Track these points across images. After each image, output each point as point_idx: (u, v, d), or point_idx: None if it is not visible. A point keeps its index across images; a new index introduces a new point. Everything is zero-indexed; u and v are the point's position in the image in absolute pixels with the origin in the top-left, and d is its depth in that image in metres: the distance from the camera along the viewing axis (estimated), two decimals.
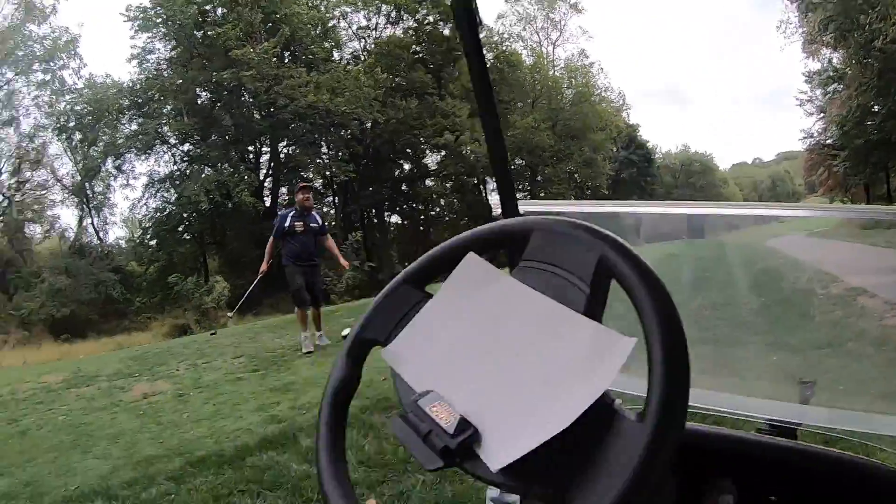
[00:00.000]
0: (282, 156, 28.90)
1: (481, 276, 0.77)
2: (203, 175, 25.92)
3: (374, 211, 30.59)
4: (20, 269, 25.87)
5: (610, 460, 0.58)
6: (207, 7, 26.85)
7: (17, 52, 26.38)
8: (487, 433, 0.64)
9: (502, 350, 0.69)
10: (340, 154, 28.06)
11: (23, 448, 6.07)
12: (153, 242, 27.77)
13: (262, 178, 28.42)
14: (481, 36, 1.45)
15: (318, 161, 28.67)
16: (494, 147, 1.46)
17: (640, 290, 0.64)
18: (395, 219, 32.67)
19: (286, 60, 27.49)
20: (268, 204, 27.89)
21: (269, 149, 28.82)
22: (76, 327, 23.85)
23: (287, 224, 8.44)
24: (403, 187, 31.32)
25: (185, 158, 27.71)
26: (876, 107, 22.42)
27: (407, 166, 31.34)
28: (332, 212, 29.75)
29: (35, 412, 7.74)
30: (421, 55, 30.15)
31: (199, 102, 27.19)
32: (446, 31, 31.18)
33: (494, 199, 1.50)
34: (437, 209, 32.80)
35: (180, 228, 27.41)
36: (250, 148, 28.44)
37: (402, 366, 0.77)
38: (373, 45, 30.84)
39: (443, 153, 29.84)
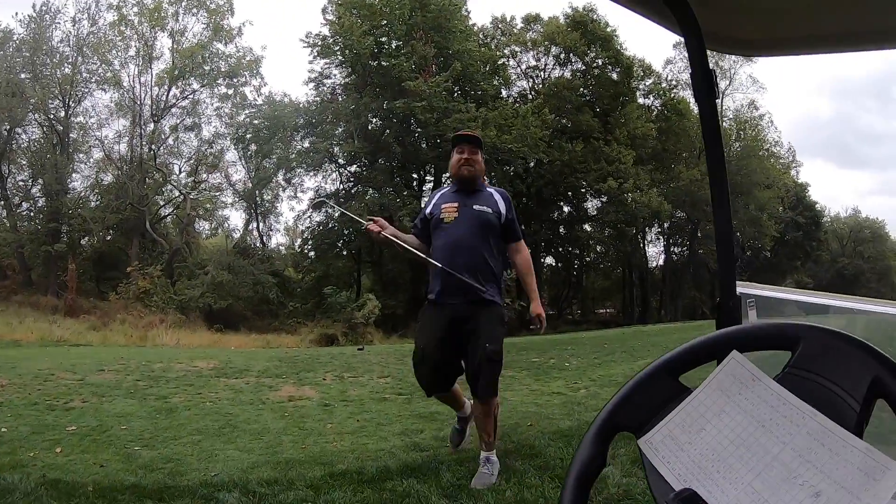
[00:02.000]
0: (445, 186, 29.31)
1: (748, 377, 0.77)
2: (367, 196, 26.94)
3: (531, 251, 30.42)
4: (186, 259, 27.88)
5: None
6: (383, 39, 28.08)
7: (204, 66, 28.91)
8: None
9: (769, 459, 0.69)
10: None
11: (170, 425, 6.25)
12: (312, 253, 29.34)
13: (423, 205, 28.84)
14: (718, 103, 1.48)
15: None
16: (719, 223, 1.47)
17: None
18: (549, 260, 32.41)
19: (456, 95, 28.19)
20: None
21: (432, 178, 29.60)
22: (230, 319, 25.23)
23: (430, 209, 4.25)
24: (561, 230, 31.01)
25: (351, 179, 29.01)
26: None
27: (567, 209, 31.07)
28: None
29: (184, 393, 8.00)
30: (588, 98, 29.96)
31: (369, 128, 28.37)
32: (614, 76, 30.87)
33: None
34: (593, 255, 32.20)
35: (339, 244, 28.63)
36: (415, 175, 29.34)
37: (660, 459, 0.76)
38: (541, 86, 31.03)
39: (604, 199, 29.30)
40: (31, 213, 28.24)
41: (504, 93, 30.14)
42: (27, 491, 3.70)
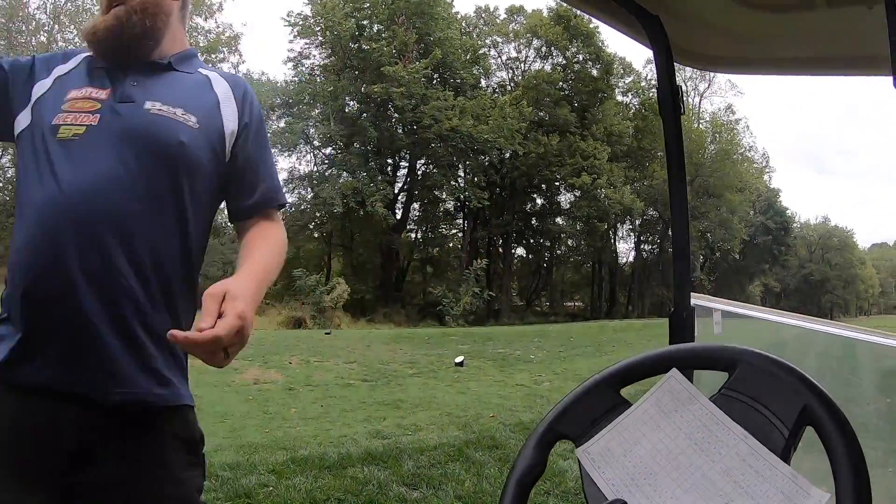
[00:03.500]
0: (419, 173, 29.50)
1: (685, 396, 0.80)
2: (341, 180, 26.74)
3: (501, 241, 30.52)
4: None
5: None
6: (365, 22, 27.83)
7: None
8: None
9: (698, 477, 0.72)
10: (476, 179, 28.26)
11: None
12: None
13: (396, 191, 29.02)
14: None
15: (453, 183, 28.98)
16: (678, 237, 1.49)
17: (838, 449, 0.67)
18: (520, 251, 32.50)
19: (435, 82, 28.05)
20: (398, 217, 28.50)
21: (407, 164, 29.52)
22: (198, 299, 24.92)
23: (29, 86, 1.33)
24: (533, 222, 31.11)
25: (325, 161, 28.79)
26: None
27: (540, 201, 31.15)
28: (461, 235, 30.02)
29: None
30: (567, 93, 29.99)
31: (346, 111, 28.14)
32: (594, 72, 30.93)
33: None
34: (564, 248, 32.36)
35: (311, 226, 28.47)
36: (389, 161, 29.15)
37: (596, 469, 0.80)
38: (520, 78, 31.00)
39: (577, 193, 29.43)
40: (1, 184, 27.59)
41: (483, 82, 30.10)
42: None
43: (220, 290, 1.15)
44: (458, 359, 9.90)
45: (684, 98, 1.45)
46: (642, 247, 35.27)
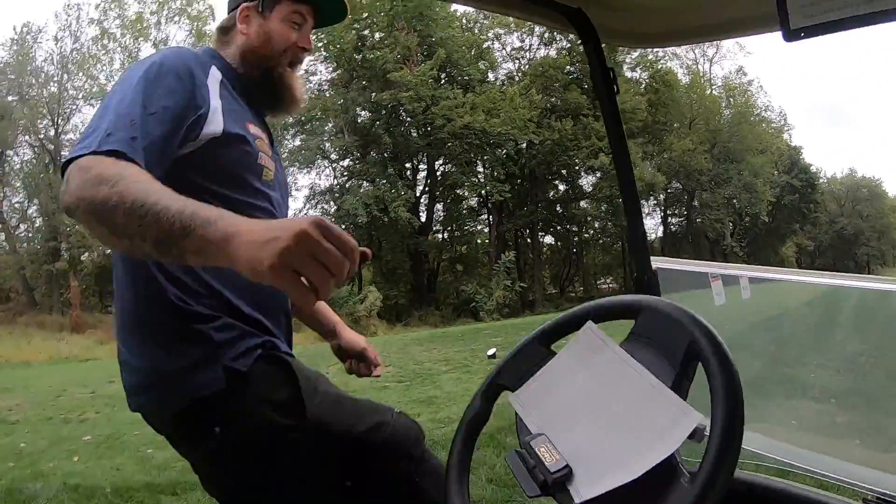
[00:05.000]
0: (438, 173, 29.66)
1: (598, 345, 0.93)
2: (361, 190, 26.97)
3: (527, 231, 30.51)
4: None
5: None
6: (366, 32, 28.04)
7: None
8: (578, 474, 0.80)
9: (603, 410, 0.85)
10: (496, 173, 28.23)
11: None
12: None
13: (418, 194, 29.20)
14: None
15: (473, 179, 29.04)
16: (628, 203, 1.64)
17: (716, 379, 0.77)
18: (548, 239, 32.42)
19: (442, 82, 28.15)
20: (423, 219, 28.71)
21: (426, 166, 29.65)
22: None
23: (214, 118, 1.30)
24: (558, 208, 30.99)
25: (344, 173, 29.05)
26: None
27: (562, 187, 31.04)
28: (487, 230, 30.06)
29: None
30: (575, 76, 29.85)
31: (358, 121, 28.33)
32: None
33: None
34: (591, 232, 32.23)
35: None
36: (408, 165, 29.35)
37: (523, 410, 0.94)
38: (527, 66, 30.95)
39: (598, 175, 29.30)
40: (30, 234, 28.27)
41: (491, 76, 30.08)
42: (49, 496, 3.82)
43: None
44: (490, 351, 9.96)
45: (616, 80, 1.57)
46: (670, 220, 35.00)
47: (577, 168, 29.63)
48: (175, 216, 0.92)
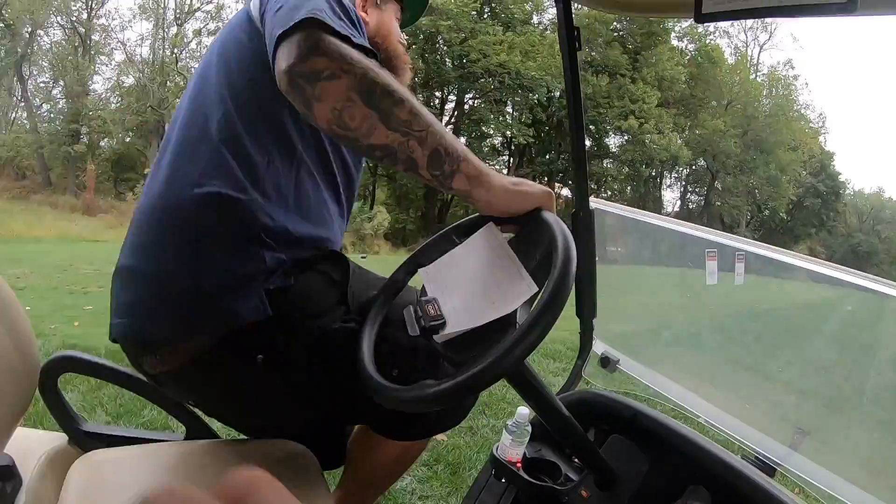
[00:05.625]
0: (466, 107, 29.29)
1: (493, 239, 1.12)
2: None
3: (545, 179, 30.28)
4: None
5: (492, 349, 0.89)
6: None
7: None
8: (448, 323, 1.01)
9: (477, 283, 1.06)
10: (523, 117, 27.88)
11: None
12: None
13: (444, 124, 28.82)
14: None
15: (500, 119, 28.69)
16: (575, 148, 1.74)
17: (557, 258, 0.93)
18: (565, 192, 32.25)
19: (485, 16, 27.66)
20: None
21: (455, 97, 29.30)
22: None
23: None
24: None
25: None
26: None
27: (588, 142, 30.75)
28: (506, 171, 29.91)
29: None
30: (620, 34, 29.34)
31: None
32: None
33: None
34: (609, 193, 32.06)
35: None
36: (437, 94, 29.03)
37: (427, 280, 1.16)
38: (575, 14, 30.35)
39: (625, 137, 29.00)
40: (52, 115, 28.30)
41: (535, 19, 29.50)
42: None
43: None
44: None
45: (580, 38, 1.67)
46: (689, 197, 34.75)
47: (605, 127, 29.30)
48: (454, 141, 1.03)
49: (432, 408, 0.95)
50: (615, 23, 29.18)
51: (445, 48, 27.34)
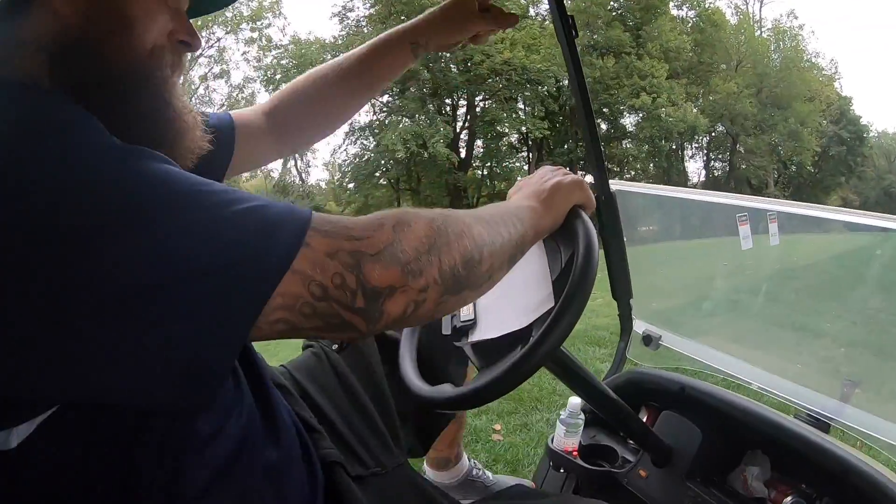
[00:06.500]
0: (478, 109, 29.41)
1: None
2: (400, 125, 27.03)
3: (568, 169, 30.17)
4: None
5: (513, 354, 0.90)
6: None
7: (226, 13, 28.91)
8: (479, 326, 1.03)
9: (511, 287, 0.98)
10: (536, 111, 27.95)
11: None
12: (351, 185, 29.95)
13: (458, 130, 29.12)
14: None
15: (513, 116, 28.72)
16: (589, 137, 1.76)
17: (577, 266, 0.91)
18: (588, 178, 31.97)
19: None
20: (463, 155, 28.73)
21: (465, 102, 29.45)
22: None
23: None
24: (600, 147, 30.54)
25: (383, 109, 29.06)
26: None
27: (604, 126, 30.57)
28: (527, 167, 29.96)
29: None
30: (619, 12, 29.18)
31: None
32: None
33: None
34: (633, 172, 31.78)
35: (377, 174, 28.97)
36: (447, 101, 29.23)
37: None
38: (570, 1, 30.20)
39: (640, 115, 28.81)
40: None
41: (532, 11, 29.50)
42: None
43: None
44: None
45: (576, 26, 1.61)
46: (712, 165, 34.26)
47: (619, 107, 29.12)
48: (507, 225, 0.86)
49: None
50: (612, 2, 29.05)
51: (448, 54, 27.49)
